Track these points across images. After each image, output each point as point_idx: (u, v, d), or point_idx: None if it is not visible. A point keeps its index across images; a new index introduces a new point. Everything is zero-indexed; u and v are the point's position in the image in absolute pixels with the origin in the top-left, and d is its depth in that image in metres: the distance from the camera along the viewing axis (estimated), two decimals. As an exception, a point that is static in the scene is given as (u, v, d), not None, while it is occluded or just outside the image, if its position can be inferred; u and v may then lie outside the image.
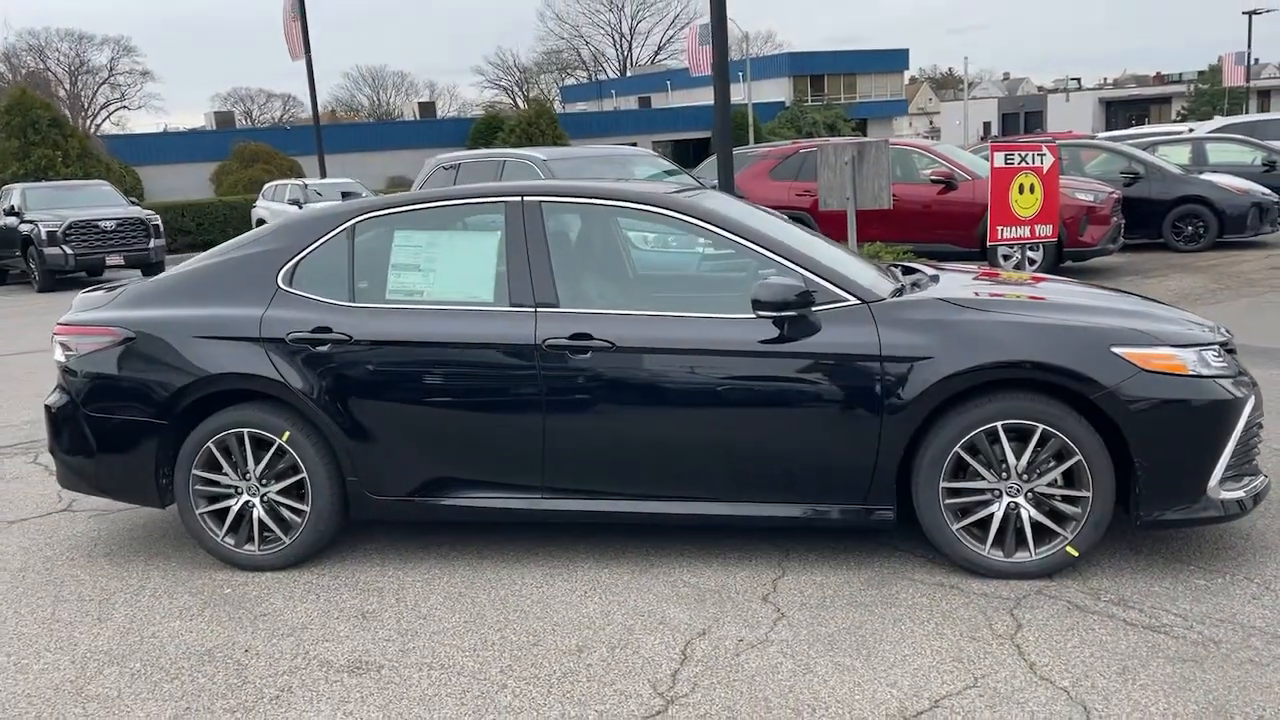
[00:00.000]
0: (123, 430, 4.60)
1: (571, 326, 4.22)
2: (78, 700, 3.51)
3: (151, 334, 4.55)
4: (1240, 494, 4.00)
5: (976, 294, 4.31)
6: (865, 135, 49.47)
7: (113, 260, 18.64)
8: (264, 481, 4.51)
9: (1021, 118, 71.68)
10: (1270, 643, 3.44)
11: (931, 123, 79.38)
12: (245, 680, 3.58)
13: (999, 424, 3.95)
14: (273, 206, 24.11)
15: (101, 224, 18.55)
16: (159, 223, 19.44)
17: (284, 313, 4.46)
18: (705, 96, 53.43)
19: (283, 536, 4.52)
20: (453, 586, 4.28)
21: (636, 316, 4.25)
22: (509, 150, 10.44)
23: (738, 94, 42.17)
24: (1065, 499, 3.99)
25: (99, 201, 19.74)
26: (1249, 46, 43.44)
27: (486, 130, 40.97)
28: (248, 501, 4.53)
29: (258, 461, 4.49)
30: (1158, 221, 14.17)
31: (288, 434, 4.43)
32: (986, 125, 70.22)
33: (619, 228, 5.18)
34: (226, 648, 3.84)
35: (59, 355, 4.77)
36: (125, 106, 75.83)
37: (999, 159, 9.81)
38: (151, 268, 19.15)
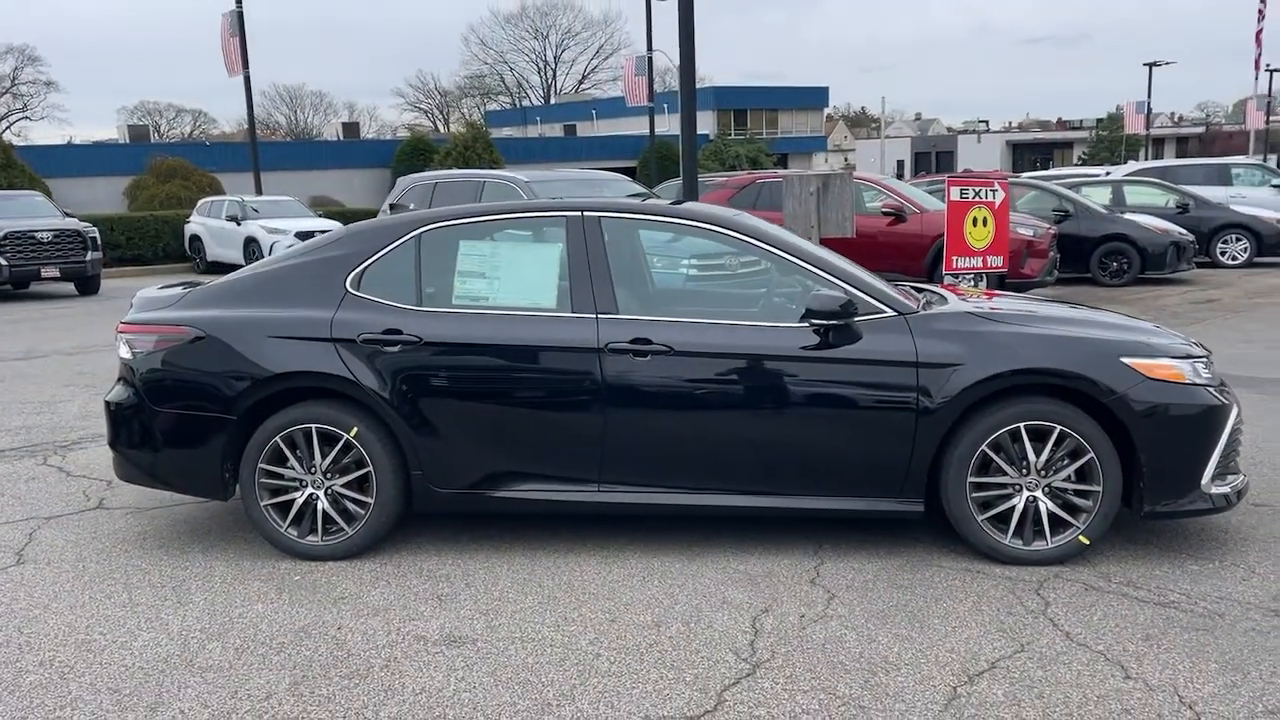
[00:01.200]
0: (190, 425, 4.80)
1: (632, 331, 4.57)
2: (192, 670, 3.72)
3: (222, 333, 4.77)
4: (1227, 489, 4.53)
5: (994, 309, 4.79)
6: (786, 169, 50.64)
7: (48, 272, 18.29)
8: (329, 475, 4.75)
9: (933, 157, 74.19)
10: (1267, 616, 3.95)
11: (846, 159, 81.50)
12: (349, 653, 3.83)
13: (1021, 425, 4.42)
14: (208, 223, 23.87)
15: (38, 235, 18.21)
16: (95, 235, 19.12)
17: (354, 315, 4.73)
18: (631, 126, 54.24)
19: (345, 527, 4.76)
20: (515, 573, 4.58)
21: (691, 323, 4.63)
22: (489, 171, 10.75)
23: (666, 125, 42.91)
24: (1078, 493, 4.46)
25: (33, 212, 19.36)
26: (1149, 96, 45.79)
27: (412, 152, 40.89)
28: (312, 494, 4.76)
29: (324, 456, 4.73)
30: (1085, 257, 15.08)
31: (356, 429, 4.68)
32: (900, 163, 72.51)
33: (652, 242, 5.56)
34: (319, 626, 4.07)
35: (124, 352, 4.94)
36: (27, 117, 73.79)
37: (955, 193, 10.44)
38: (87, 281, 18.88)
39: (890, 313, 4.57)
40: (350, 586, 4.48)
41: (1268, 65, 50.99)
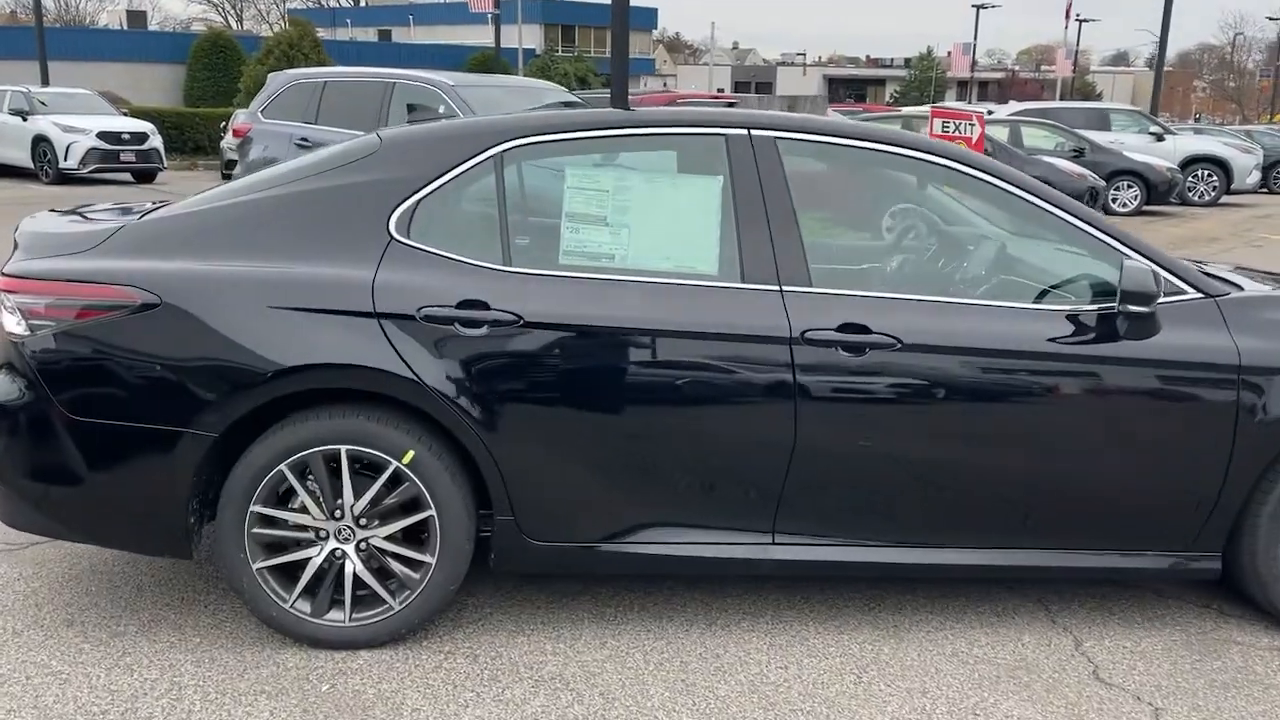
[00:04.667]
0: (135, 444, 2.99)
1: (839, 314, 3.09)
2: None
3: (191, 298, 2.97)
4: None
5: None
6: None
7: None
8: (364, 522, 3.07)
9: (753, 86, 74.09)
10: None
11: (666, 84, 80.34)
12: None
13: (1365, 455, 3.23)
14: (-15, 116, 20.18)
15: None
16: None
17: (406, 276, 3.03)
18: (450, 35, 50.94)
19: (389, 600, 3.11)
20: (660, 667, 3.07)
21: (925, 303, 3.18)
22: (399, 71, 8.76)
23: (485, 37, 40.25)
24: None
25: None
26: (975, 38, 46.60)
27: (211, 49, 37.01)
28: (336, 550, 3.08)
29: (359, 494, 3.04)
30: (1002, 200, 14.36)
31: (411, 453, 3.02)
32: (720, 90, 71.96)
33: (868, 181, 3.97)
34: (414, 802, 2.47)
35: (14, 326, 3.05)
36: None
37: (938, 126, 9.36)
38: None
39: (1194, 294, 3.26)
40: (417, 700, 2.86)
41: (1078, 15, 52.87)
